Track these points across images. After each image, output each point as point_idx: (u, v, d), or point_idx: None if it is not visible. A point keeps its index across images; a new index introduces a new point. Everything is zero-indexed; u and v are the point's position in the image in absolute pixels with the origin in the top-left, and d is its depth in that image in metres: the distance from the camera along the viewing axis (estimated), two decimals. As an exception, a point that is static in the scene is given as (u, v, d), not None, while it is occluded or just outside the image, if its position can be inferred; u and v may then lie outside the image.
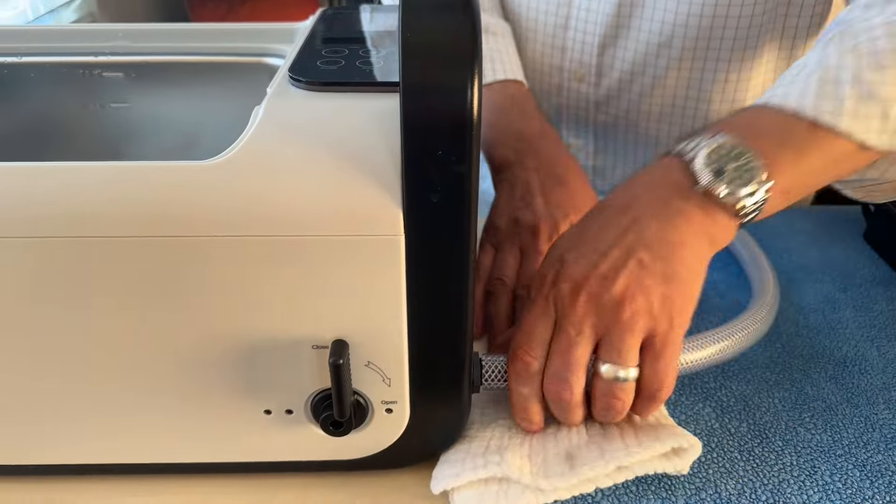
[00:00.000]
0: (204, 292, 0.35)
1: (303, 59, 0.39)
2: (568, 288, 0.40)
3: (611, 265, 0.40)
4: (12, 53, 0.52)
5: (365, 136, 0.33)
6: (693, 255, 0.40)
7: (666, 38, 0.67)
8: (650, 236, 0.40)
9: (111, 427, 0.39)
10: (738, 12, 0.64)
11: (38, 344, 0.36)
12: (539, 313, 0.41)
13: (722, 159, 0.40)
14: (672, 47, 0.67)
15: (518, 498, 0.39)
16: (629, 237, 0.40)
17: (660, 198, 0.41)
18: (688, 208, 0.41)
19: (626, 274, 0.39)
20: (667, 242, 0.40)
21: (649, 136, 0.76)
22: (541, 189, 0.55)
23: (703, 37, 0.66)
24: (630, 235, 0.40)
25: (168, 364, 0.37)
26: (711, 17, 0.64)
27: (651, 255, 0.40)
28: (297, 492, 0.42)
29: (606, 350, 0.39)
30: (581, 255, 0.41)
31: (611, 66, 0.72)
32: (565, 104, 0.77)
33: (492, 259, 0.54)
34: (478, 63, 0.30)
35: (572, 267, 0.40)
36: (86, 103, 0.55)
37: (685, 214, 0.41)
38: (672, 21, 0.66)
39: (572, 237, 0.43)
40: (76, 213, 0.33)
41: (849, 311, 0.57)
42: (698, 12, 0.64)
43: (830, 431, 0.46)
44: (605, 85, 0.73)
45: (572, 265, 0.41)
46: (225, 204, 0.32)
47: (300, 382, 0.38)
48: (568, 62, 0.74)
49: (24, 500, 0.42)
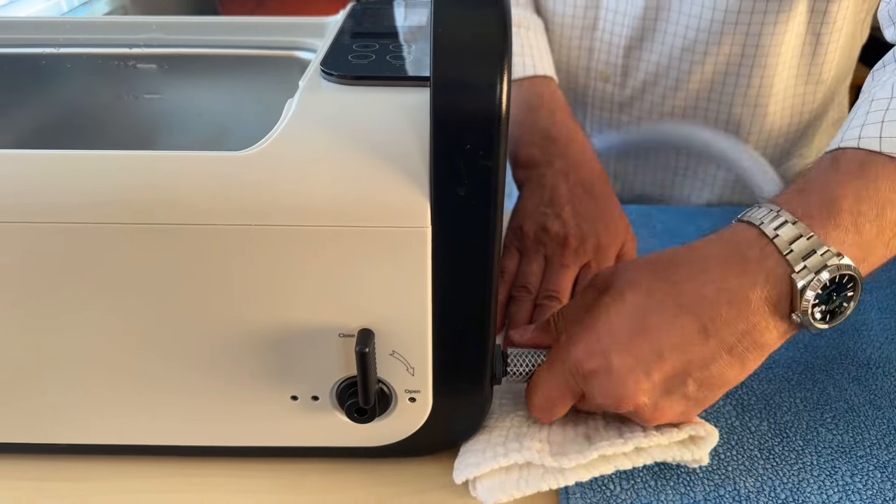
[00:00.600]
0: (235, 280, 0.35)
1: (334, 54, 0.39)
2: (605, 402, 0.39)
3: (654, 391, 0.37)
4: (50, 45, 0.54)
5: (395, 130, 0.34)
6: (739, 381, 0.38)
7: (690, 42, 0.67)
8: (710, 375, 0.37)
9: (143, 409, 0.41)
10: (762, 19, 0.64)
11: (74, 328, 0.37)
12: (565, 390, 0.40)
13: (828, 288, 0.35)
14: (695, 52, 0.68)
15: (538, 483, 0.40)
16: (690, 367, 0.37)
17: (745, 326, 0.36)
18: (767, 340, 0.36)
19: (664, 402, 0.38)
20: (723, 381, 0.37)
21: None
22: (570, 197, 0.55)
23: (727, 42, 0.66)
24: (691, 366, 0.37)
25: (198, 349, 0.38)
26: (734, 24, 0.65)
27: (699, 391, 0.38)
28: (321, 477, 0.43)
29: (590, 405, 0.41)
30: (628, 371, 0.37)
31: (636, 68, 0.72)
32: (590, 103, 0.78)
33: (516, 263, 0.54)
34: (507, 59, 0.31)
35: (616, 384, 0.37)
36: (120, 94, 0.56)
37: (760, 349, 0.36)
38: (696, 26, 0.66)
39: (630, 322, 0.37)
40: (110, 200, 0.34)
41: (873, 313, 0.56)
42: (721, 18, 0.65)
43: (852, 432, 0.46)
44: (629, 86, 0.74)
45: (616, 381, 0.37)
46: (258, 194, 0.33)
47: (326, 370, 0.39)
48: (594, 62, 0.74)
49: (56, 477, 0.43)
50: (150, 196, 0.34)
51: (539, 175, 0.57)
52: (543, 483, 0.40)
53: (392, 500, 0.42)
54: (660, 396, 0.38)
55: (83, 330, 0.37)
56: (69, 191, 0.34)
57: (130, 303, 0.36)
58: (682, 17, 0.67)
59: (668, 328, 0.37)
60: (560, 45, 0.75)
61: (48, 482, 0.43)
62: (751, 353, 0.37)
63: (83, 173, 0.34)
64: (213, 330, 0.37)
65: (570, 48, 0.75)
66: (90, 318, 0.37)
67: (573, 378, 0.40)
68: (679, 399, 0.38)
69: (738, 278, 0.36)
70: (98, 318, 0.37)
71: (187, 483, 0.43)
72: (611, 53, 0.73)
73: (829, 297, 0.35)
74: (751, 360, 0.37)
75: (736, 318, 0.36)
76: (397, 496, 0.42)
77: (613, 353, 0.37)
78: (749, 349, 0.36)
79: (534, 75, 0.66)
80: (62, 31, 0.54)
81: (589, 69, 0.75)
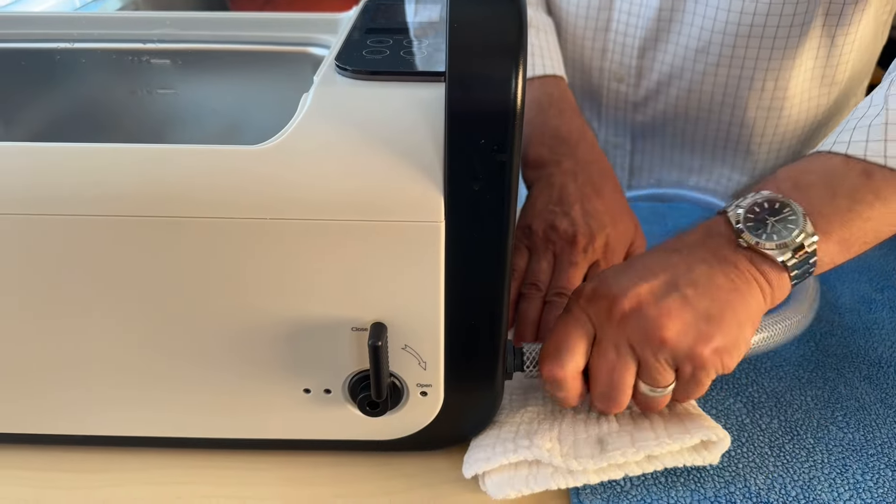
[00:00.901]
0: (249, 274, 0.36)
1: (349, 49, 0.39)
2: (606, 302, 0.40)
3: (652, 290, 0.40)
4: (65, 39, 0.54)
5: (409, 125, 0.34)
6: (741, 303, 0.40)
7: (704, 43, 0.67)
8: (697, 276, 0.40)
9: (157, 402, 0.41)
10: (777, 22, 0.64)
11: (89, 320, 0.38)
12: (572, 323, 0.41)
13: (761, 213, 0.40)
14: (710, 53, 0.68)
15: (547, 481, 0.40)
16: (676, 271, 0.40)
17: (709, 248, 0.41)
18: (737, 259, 0.40)
19: (666, 301, 0.39)
20: (714, 285, 0.40)
21: (686, 135, 0.76)
22: (579, 196, 0.55)
23: (741, 45, 0.66)
24: (677, 270, 0.40)
25: (213, 342, 0.38)
26: (749, 26, 0.65)
27: (696, 293, 0.39)
28: (333, 469, 0.43)
29: (643, 373, 0.40)
30: (624, 277, 0.41)
31: (650, 69, 0.72)
32: (605, 104, 0.78)
33: (526, 261, 0.54)
34: (522, 55, 0.31)
35: (613, 285, 0.41)
36: (134, 89, 0.56)
37: (734, 263, 0.40)
38: (711, 28, 0.66)
39: (617, 266, 0.43)
40: (125, 193, 0.34)
41: (885, 312, 0.56)
42: (736, 20, 0.65)
43: (863, 430, 0.45)
44: (644, 86, 0.74)
45: (612, 283, 0.41)
46: (273, 188, 0.33)
47: (339, 363, 0.39)
48: (608, 63, 0.74)
49: (71, 468, 0.43)
50: (166, 189, 0.34)
51: (548, 174, 0.57)
52: (552, 482, 0.40)
53: (402, 494, 0.42)
54: (660, 294, 0.39)
55: (98, 322, 0.38)
56: (84, 184, 0.34)
57: (144, 295, 0.37)
58: (697, 19, 0.67)
59: (650, 260, 0.42)
60: (573, 46, 0.75)
61: (63, 473, 0.43)
62: (728, 268, 0.40)
63: (98, 167, 0.35)
64: (226, 323, 0.38)
65: (584, 48, 0.75)
66: (105, 310, 0.37)
67: (577, 306, 0.42)
68: (680, 302, 0.39)
69: (694, 228, 0.43)
70: (112, 311, 0.37)
71: (200, 474, 0.43)
72: (624, 55, 0.73)
73: (762, 219, 0.40)
74: (732, 274, 0.40)
75: (698, 242, 0.42)
76: (408, 489, 0.42)
77: (610, 275, 0.42)
78: (724, 264, 0.40)
79: (543, 75, 0.66)
80: (77, 27, 0.55)
81: (602, 69, 0.75)
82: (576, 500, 0.41)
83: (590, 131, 0.62)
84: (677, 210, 0.69)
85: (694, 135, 0.76)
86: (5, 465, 0.44)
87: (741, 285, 0.40)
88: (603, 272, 0.43)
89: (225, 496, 0.42)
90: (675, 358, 0.39)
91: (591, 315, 0.41)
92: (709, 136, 0.75)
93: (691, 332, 0.39)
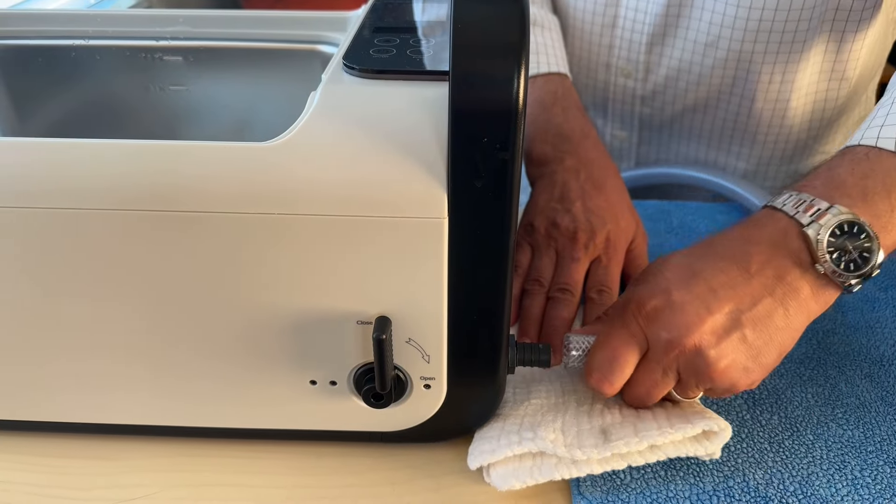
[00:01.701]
0: (257, 267, 0.37)
1: (356, 48, 0.40)
2: (667, 334, 0.40)
3: (714, 329, 0.40)
4: (80, 37, 0.55)
5: (414, 123, 0.35)
6: (790, 340, 0.41)
7: (713, 38, 0.67)
8: (759, 313, 0.40)
9: (167, 392, 0.42)
10: (785, 17, 0.64)
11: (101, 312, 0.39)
12: (627, 338, 0.42)
13: (841, 238, 0.39)
14: (718, 47, 0.68)
15: (552, 472, 0.41)
16: (741, 303, 0.40)
17: (777, 270, 0.40)
18: (801, 287, 0.40)
19: (727, 344, 0.40)
20: (773, 326, 0.40)
21: (692, 128, 0.77)
22: (580, 193, 0.56)
23: (750, 39, 0.66)
24: (742, 302, 0.40)
25: (221, 334, 0.39)
26: (758, 21, 0.65)
27: (754, 333, 0.40)
28: (338, 459, 0.44)
29: (679, 388, 0.42)
30: (688, 303, 0.40)
31: (658, 64, 0.73)
32: (611, 98, 0.78)
33: (529, 258, 0.55)
34: (525, 54, 0.32)
35: (678, 313, 0.40)
36: (146, 85, 0.57)
37: (797, 296, 0.40)
38: (720, 22, 0.66)
39: (682, 270, 0.42)
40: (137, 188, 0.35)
41: (888, 311, 0.56)
42: (745, 15, 0.65)
43: (863, 428, 0.46)
44: (651, 81, 0.74)
45: (678, 310, 0.40)
46: (282, 183, 0.34)
47: (344, 355, 0.40)
48: (615, 59, 0.75)
49: (83, 455, 0.45)
50: (176, 185, 0.35)
51: (551, 172, 0.58)
52: (556, 473, 0.41)
53: (406, 484, 0.43)
54: (722, 334, 0.39)
55: (109, 313, 0.39)
56: (96, 178, 0.35)
57: (154, 288, 0.38)
58: (706, 14, 0.67)
59: (714, 272, 0.41)
60: (580, 41, 0.76)
61: (72, 459, 0.44)
62: (791, 301, 0.40)
63: (111, 162, 0.36)
64: (235, 316, 0.38)
65: (591, 44, 0.75)
66: (116, 302, 0.38)
67: (635, 321, 0.41)
68: (739, 344, 0.40)
69: (758, 230, 0.42)
70: (123, 303, 0.38)
71: (207, 463, 0.44)
72: (631, 50, 0.73)
73: (844, 246, 0.39)
74: (792, 309, 0.40)
75: (767, 261, 0.40)
76: (412, 480, 0.43)
77: (673, 290, 0.41)
78: (788, 295, 0.40)
79: (548, 73, 0.67)
80: (92, 24, 0.56)
81: (609, 65, 0.76)
82: (576, 492, 0.42)
83: (593, 129, 0.62)
84: (683, 208, 0.70)
85: (700, 127, 0.76)
86: (15, 451, 0.45)
87: (795, 320, 0.40)
88: (663, 279, 0.42)
89: (232, 484, 0.43)
90: (716, 389, 0.41)
91: (649, 335, 0.41)
92: (715, 128, 0.76)
93: (738, 371, 0.40)
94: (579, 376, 0.47)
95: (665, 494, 0.41)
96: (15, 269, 0.37)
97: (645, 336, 0.41)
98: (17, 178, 0.35)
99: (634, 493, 0.42)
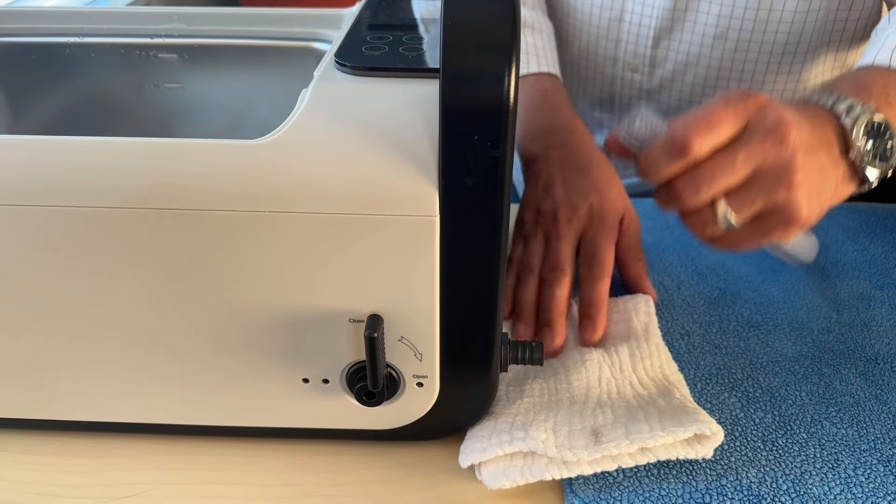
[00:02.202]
0: (249, 265, 0.37)
1: (348, 45, 0.40)
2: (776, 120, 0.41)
3: (812, 144, 0.42)
4: (74, 34, 0.55)
5: (405, 121, 0.35)
6: (827, 202, 0.44)
7: (721, 30, 0.67)
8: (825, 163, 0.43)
9: (160, 390, 0.42)
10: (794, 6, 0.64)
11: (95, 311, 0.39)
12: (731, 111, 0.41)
13: (872, 133, 0.44)
14: (727, 39, 0.68)
15: (542, 472, 0.40)
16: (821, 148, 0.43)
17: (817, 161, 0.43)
18: (839, 166, 0.44)
19: (813, 161, 0.42)
20: (828, 180, 0.43)
21: None
22: (562, 178, 0.56)
23: (759, 30, 0.66)
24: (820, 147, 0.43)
25: (214, 332, 0.39)
26: (768, 11, 0.65)
27: (822, 175, 0.43)
28: (330, 457, 0.44)
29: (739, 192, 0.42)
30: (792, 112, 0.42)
31: (665, 58, 0.72)
32: (618, 93, 0.78)
33: (522, 251, 0.55)
34: (515, 52, 0.31)
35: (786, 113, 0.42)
36: (141, 83, 0.57)
37: (836, 171, 0.44)
38: (728, 14, 0.66)
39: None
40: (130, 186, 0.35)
41: (884, 309, 0.56)
42: (755, 6, 0.65)
43: (856, 426, 0.46)
44: (658, 75, 0.74)
45: (785, 110, 0.42)
46: (272, 181, 0.34)
47: (337, 354, 0.40)
48: (622, 53, 0.75)
49: (77, 453, 0.45)
50: (169, 182, 0.35)
51: (537, 168, 0.58)
52: (547, 473, 0.41)
53: (399, 482, 0.43)
54: (813, 151, 0.42)
55: (102, 311, 0.39)
56: (90, 176, 0.35)
57: (147, 285, 0.38)
58: (714, 6, 0.67)
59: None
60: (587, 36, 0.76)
61: (68, 458, 0.44)
62: (829, 161, 0.43)
63: (105, 159, 0.36)
64: (227, 313, 0.38)
65: (598, 38, 0.75)
66: (108, 300, 0.38)
67: (743, 103, 0.42)
68: (818, 169, 0.42)
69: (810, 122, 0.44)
70: (115, 301, 0.38)
71: (200, 461, 0.44)
72: (638, 45, 0.73)
73: (874, 140, 0.43)
74: (829, 168, 0.43)
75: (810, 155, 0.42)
76: (404, 478, 0.43)
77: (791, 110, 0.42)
78: (829, 158, 0.43)
79: (538, 72, 0.67)
80: (86, 21, 0.56)
81: (616, 59, 0.76)
82: (569, 490, 0.42)
83: (582, 124, 0.62)
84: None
85: None
86: (12, 449, 0.45)
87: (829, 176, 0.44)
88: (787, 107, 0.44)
89: (227, 482, 0.43)
90: (777, 210, 0.42)
91: (753, 119, 0.41)
92: None
93: (807, 191, 0.41)
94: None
95: (658, 493, 0.41)
96: (7, 267, 0.37)
97: (746, 120, 0.41)
98: (10, 176, 0.35)
99: (627, 492, 0.42)
